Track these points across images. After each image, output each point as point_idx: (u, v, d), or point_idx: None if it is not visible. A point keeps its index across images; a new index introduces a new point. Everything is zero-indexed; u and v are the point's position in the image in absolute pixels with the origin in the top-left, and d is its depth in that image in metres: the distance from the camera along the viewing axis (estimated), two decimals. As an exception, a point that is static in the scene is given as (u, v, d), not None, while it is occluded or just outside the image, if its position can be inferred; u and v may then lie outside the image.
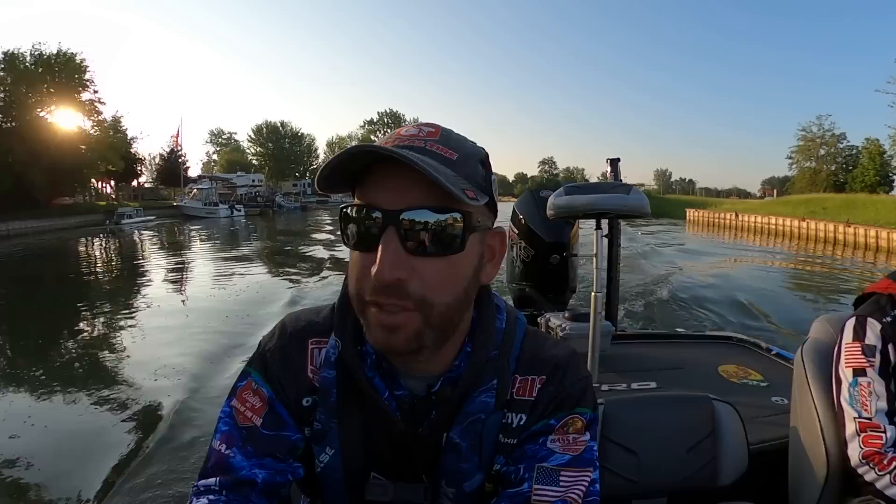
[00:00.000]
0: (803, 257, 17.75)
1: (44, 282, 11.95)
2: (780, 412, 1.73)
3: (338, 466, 0.65)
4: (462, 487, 0.64)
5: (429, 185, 0.52)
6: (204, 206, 37.02)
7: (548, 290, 3.21)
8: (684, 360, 2.45)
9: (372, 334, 0.57)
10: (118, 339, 6.59)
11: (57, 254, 18.39)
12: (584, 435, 0.63)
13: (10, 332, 7.44)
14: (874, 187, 41.48)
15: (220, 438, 0.63)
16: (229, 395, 0.67)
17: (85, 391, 4.65)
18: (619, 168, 3.13)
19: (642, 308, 7.25)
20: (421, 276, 0.54)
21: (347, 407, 0.64)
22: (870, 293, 1.21)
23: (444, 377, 0.63)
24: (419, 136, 0.57)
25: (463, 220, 0.55)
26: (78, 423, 4.03)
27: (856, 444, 1.07)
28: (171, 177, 49.41)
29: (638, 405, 1.32)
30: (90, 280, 12.74)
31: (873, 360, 1.10)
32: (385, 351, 0.59)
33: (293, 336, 0.68)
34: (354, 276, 0.56)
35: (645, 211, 2.06)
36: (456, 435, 0.63)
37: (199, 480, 0.62)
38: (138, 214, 31.47)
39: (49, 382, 4.94)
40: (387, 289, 0.53)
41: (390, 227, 0.53)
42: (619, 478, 1.17)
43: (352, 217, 0.56)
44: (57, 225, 26.78)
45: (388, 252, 0.52)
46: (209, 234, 25.36)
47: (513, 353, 0.67)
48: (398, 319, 0.54)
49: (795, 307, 8.72)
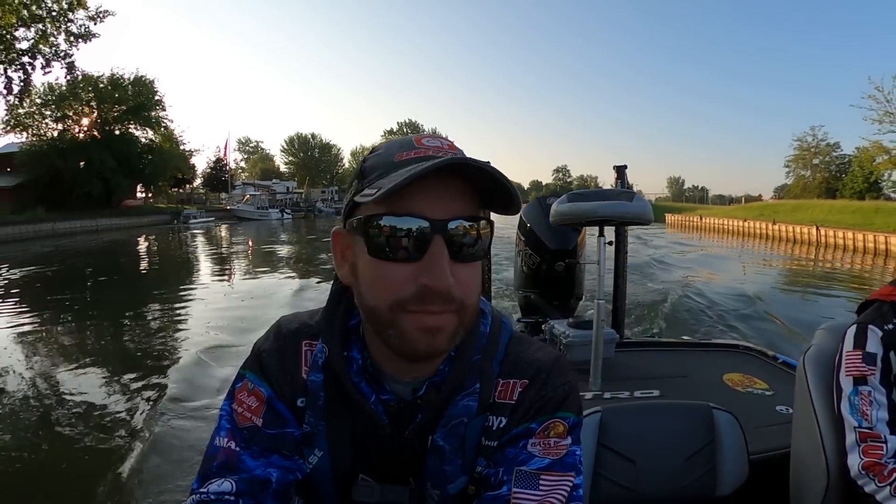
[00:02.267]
0: (736, 244, 23.26)
1: (166, 265, 16.53)
2: (783, 421, 1.69)
3: (326, 468, 0.66)
4: (446, 489, 0.65)
5: (462, 194, 0.56)
6: (256, 209, 42.77)
7: (553, 298, 3.22)
8: (689, 368, 2.39)
9: (411, 340, 0.56)
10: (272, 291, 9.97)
11: (155, 246, 23.24)
12: (565, 439, 0.62)
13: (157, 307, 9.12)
14: (862, 194, 44.34)
15: (224, 436, 0.63)
16: (226, 398, 0.67)
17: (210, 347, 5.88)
18: (626, 175, 3.12)
19: (646, 312, 7.29)
20: (459, 282, 0.56)
21: (335, 410, 0.65)
22: (872, 300, 1.18)
23: (429, 381, 0.64)
24: (445, 148, 0.59)
25: (489, 228, 0.60)
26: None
27: (856, 454, 1.04)
28: (215, 183, 55.86)
29: (636, 413, 1.32)
30: (213, 261, 17.13)
31: (874, 369, 1.07)
32: (424, 355, 0.58)
33: (288, 337, 0.69)
34: (387, 288, 0.56)
35: (648, 218, 2.10)
36: (440, 438, 0.64)
37: (202, 484, 0.60)
38: (201, 216, 37.10)
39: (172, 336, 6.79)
40: (437, 296, 0.54)
41: (437, 235, 0.54)
42: (615, 486, 1.16)
43: (390, 227, 0.55)
44: (134, 223, 32.51)
45: (442, 260, 0.54)
46: (271, 230, 31.03)
47: (497, 357, 0.67)
48: (442, 321, 0.56)
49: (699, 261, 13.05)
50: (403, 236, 0.55)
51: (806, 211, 27.08)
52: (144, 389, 4.71)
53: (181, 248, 21.83)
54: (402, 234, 0.55)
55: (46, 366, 5.57)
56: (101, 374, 5.25)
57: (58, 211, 27.84)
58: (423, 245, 0.55)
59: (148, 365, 5.50)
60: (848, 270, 15.46)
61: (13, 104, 24.89)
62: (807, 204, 30.47)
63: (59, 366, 5.53)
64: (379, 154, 0.60)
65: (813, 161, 56.01)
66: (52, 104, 31.54)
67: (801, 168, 57.16)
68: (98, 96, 32.78)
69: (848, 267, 16.24)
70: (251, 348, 0.70)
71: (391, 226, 0.55)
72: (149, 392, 4.62)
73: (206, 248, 21.92)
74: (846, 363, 1.12)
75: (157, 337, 6.81)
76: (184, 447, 3.48)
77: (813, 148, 56.16)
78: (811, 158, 56.07)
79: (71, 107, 32.25)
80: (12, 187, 29.78)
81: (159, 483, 3.09)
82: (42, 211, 26.90)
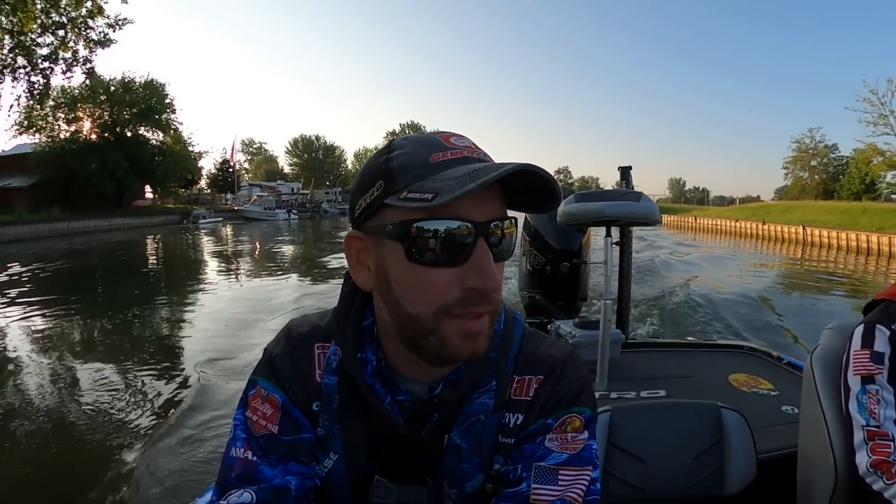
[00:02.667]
0: (728, 244, 24.47)
1: (182, 263, 17.83)
2: (790, 421, 1.71)
3: (341, 471, 0.66)
4: (464, 488, 0.65)
5: (497, 195, 0.57)
6: (264, 210, 44.01)
7: (558, 298, 3.26)
8: (695, 368, 2.41)
9: (453, 346, 0.56)
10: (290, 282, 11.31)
11: (166, 244, 24.50)
12: (582, 433, 0.63)
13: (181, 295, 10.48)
14: (859, 195, 44.86)
15: (241, 446, 0.63)
16: (239, 405, 0.67)
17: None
18: (631, 176, 3.13)
19: (656, 311, 7.37)
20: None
21: (349, 412, 0.65)
22: (879, 300, 1.20)
23: (444, 380, 0.64)
24: (473, 147, 0.58)
25: (514, 227, 0.60)
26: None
27: (864, 452, 1.05)
28: (222, 184, 57.06)
29: (645, 412, 1.33)
30: (230, 258, 18.17)
31: (882, 368, 1.08)
32: (467, 359, 0.58)
33: (300, 341, 0.68)
34: (431, 294, 0.55)
35: (654, 219, 2.11)
36: (456, 436, 0.64)
37: (222, 496, 0.60)
38: (210, 216, 38.19)
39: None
40: (484, 297, 0.55)
41: (481, 238, 0.54)
42: (625, 485, 1.18)
43: (432, 231, 0.54)
44: (144, 223, 33.40)
45: (490, 262, 0.55)
46: (278, 230, 32.10)
47: (511, 353, 0.67)
48: (483, 324, 0.56)
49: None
50: (448, 240, 0.54)
51: (797, 212, 28.09)
52: (162, 383, 4.88)
53: (196, 246, 22.88)
54: (446, 238, 0.54)
55: (70, 357, 5.82)
56: (127, 366, 5.46)
57: (70, 210, 28.84)
58: (468, 248, 0.55)
59: (166, 363, 5.67)
60: (832, 267, 16.42)
61: (32, 107, 25.80)
62: (798, 205, 31.50)
63: (83, 358, 5.82)
64: (406, 154, 0.57)
65: (811, 163, 56.65)
66: (65, 106, 32.57)
67: (800, 169, 57.79)
68: (110, 99, 33.72)
69: (832, 263, 17.22)
70: (262, 354, 0.70)
71: (435, 229, 0.54)
72: (162, 390, 4.71)
73: (217, 246, 22.97)
74: (854, 362, 1.12)
75: (181, 330, 7.36)
76: (200, 444, 3.51)
77: (811, 150, 56.71)
78: (809, 160, 56.61)
79: (84, 109, 33.26)
80: (27, 187, 30.74)
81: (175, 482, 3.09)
82: (58, 210, 27.88)
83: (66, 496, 3.21)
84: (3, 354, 5.99)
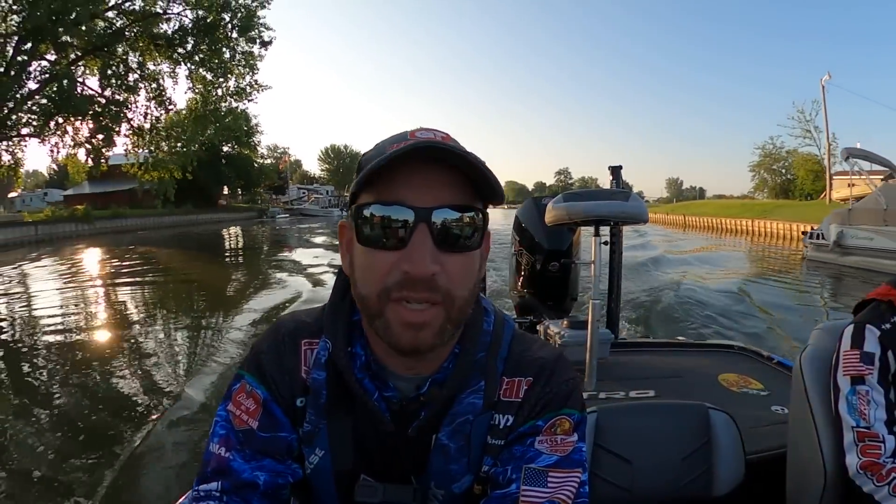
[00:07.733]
0: (710, 236, 29.85)
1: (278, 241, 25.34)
2: (779, 421, 1.68)
3: (327, 468, 0.66)
4: (451, 489, 0.65)
5: (452, 184, 0.57)
6: (321, 208, 55.09)
7: (547, 298, 3.24)
8: (684, 368, 2.40)
9: (395, 334, 0.57)
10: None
11: (272, 230, 32.76)
12: (571, 436, 0.63)
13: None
14: (812, 195, 49.23)
15: (217, 442, 0.64)
16: (223, 398, 0.67)
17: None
18: (621, 175, 3.13)
19: (643, 307, 7.55)
20: (447, 271, 0.56)
21: (337, 408, 0.65)
22: (869, 300, 1.19)
23: (432, 378, 0.64)
24: (437, 139, 0.57)
25: (482, 218, 0.59)
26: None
27: (854, 454, 1.04)
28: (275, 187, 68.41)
29: (632, 413, 1.32)
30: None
31: (872, 368, 1.07)
32: (409, 350, 0.59)
33: (286, 337, 0.69)
34: (374, 275, 0.57)
35: (643, 218, 2.10)
36: (444, 436, 0.64)
37: (198, 485, 0.62)
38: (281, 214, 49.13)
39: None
40: (419, 283, 0.55)
41: (422, 224, 0.55)
42: (611, 486, 1.16)
43: (377, 216, 0.56)
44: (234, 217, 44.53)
45: (424, 247, 0.55)
46: (334, 224, 41.43)
47: (500, 354, 0.68)
48: (426, 316, 0.56)
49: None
50: (389, 224, 0.56)
51: (716, 207, 37.87)
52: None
53: (299, 232, 30.42)
54: (387, 222, 0.56)
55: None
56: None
57: (184, 206, 40.04)
58: (407, 233, 0.56)
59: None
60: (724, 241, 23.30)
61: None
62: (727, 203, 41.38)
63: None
64: (376, 146, 0.61)
65: (772, 166, 65.43)
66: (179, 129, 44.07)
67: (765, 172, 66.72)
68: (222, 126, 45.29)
69: (731, 242, 23.69)
70: (250, 349, 0.70)
71: (379, 214, 0.56)
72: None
73: (309, 233, 28.61)
74: (844, 363, 1.11)
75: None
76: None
77: (773, 154, 65.76)
78: (770, 164, 65.37)
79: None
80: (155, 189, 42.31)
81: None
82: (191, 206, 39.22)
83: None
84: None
